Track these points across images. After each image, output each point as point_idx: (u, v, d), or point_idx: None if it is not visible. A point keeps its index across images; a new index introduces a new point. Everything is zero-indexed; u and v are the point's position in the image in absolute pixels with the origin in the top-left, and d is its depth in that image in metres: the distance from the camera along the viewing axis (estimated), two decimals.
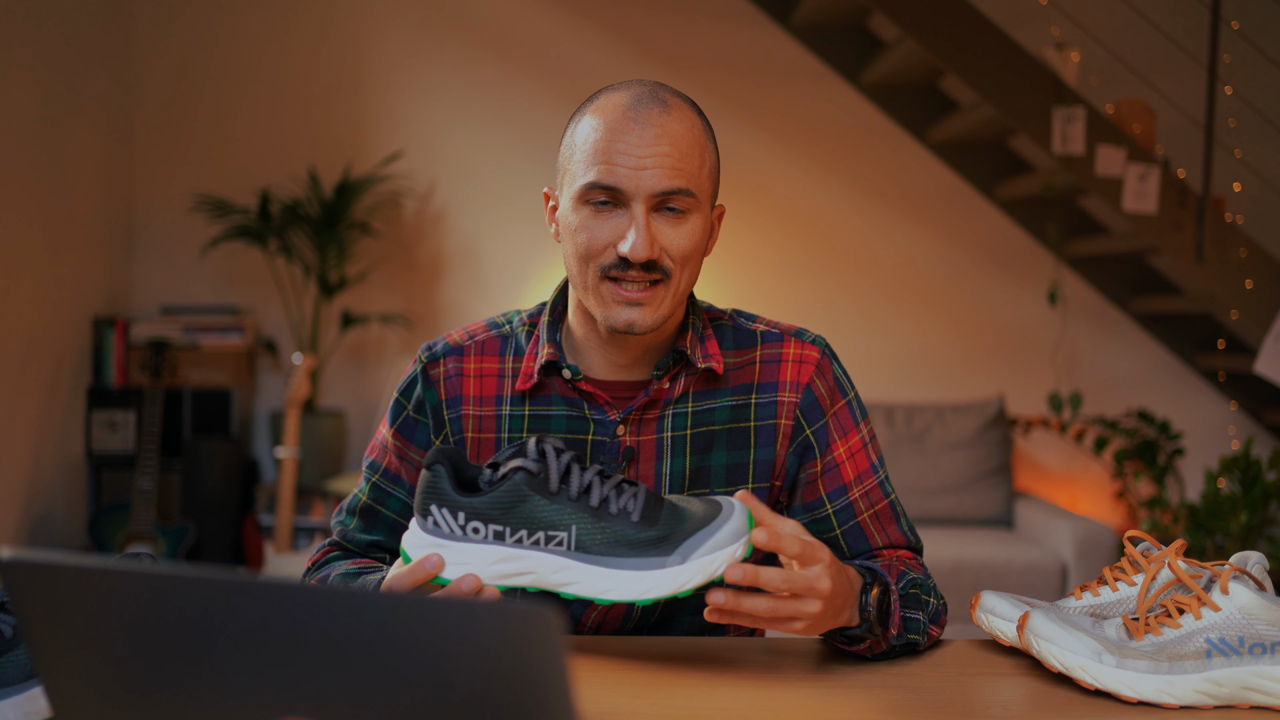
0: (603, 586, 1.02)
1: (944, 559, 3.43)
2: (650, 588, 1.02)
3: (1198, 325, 4.30)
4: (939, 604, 1.24)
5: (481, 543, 1.02)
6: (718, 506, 1.06)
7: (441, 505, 1.03)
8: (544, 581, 1.03)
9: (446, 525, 1.03)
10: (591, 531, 1.03)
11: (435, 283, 4.32)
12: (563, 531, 1.02)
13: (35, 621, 0.69)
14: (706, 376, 1.30)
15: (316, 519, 3.86)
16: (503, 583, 1.03)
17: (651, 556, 1.03)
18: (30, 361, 3.60)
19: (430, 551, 1.03)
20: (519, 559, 1.03)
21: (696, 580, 1.03)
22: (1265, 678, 1.02)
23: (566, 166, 1.24)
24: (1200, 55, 3.90)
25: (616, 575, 1.02)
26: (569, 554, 1.02)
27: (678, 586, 1.02)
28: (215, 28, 4.24)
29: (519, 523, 1.02)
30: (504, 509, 1.02)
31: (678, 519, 1.04)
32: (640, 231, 1.18)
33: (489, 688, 0.64)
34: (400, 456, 1.32)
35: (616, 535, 1.03)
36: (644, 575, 1.02)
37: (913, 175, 4.33)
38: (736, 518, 1.05)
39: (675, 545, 1.03)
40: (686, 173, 1.20)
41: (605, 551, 1.02)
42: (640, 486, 1.07)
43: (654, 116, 1.19)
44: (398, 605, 0.65)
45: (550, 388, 1.29)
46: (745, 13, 4.26)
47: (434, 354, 1.33)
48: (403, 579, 1.04)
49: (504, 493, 1.02)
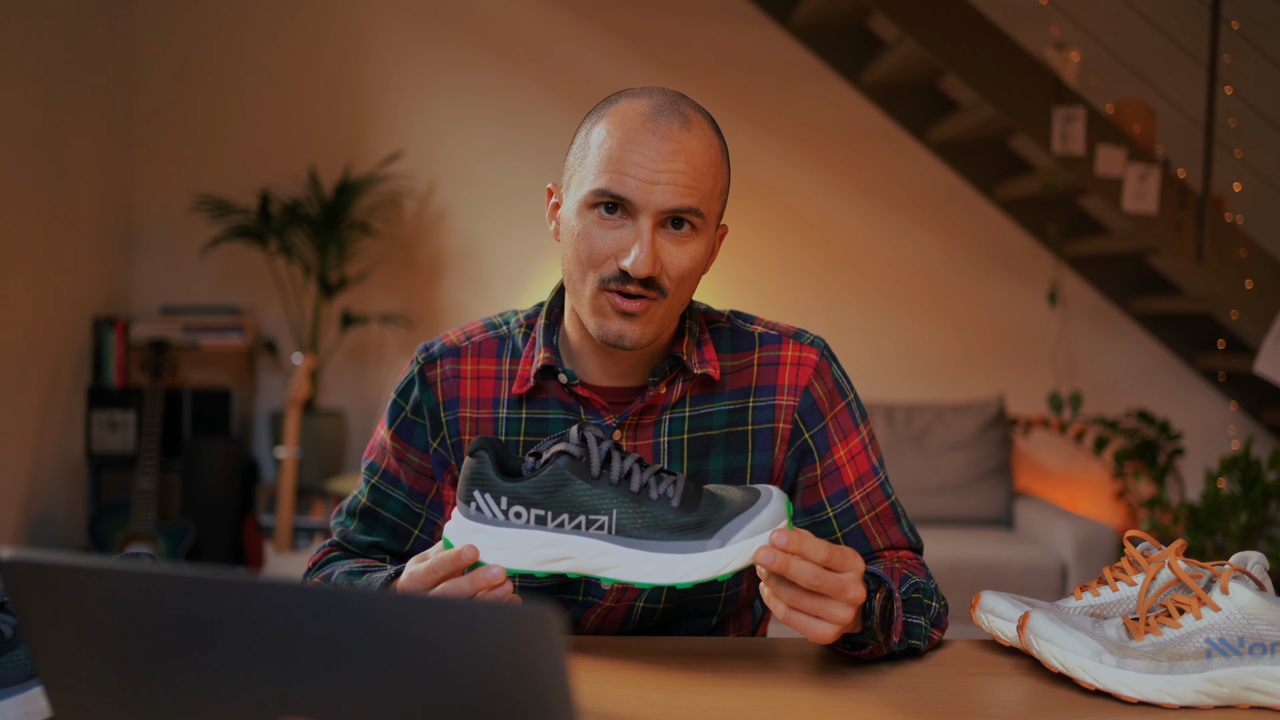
0: (643, 570, 1.03)
1: (944, 559, 3.43)
2: (690, 570, 1.03)
3: (1198, 325, 4.30)
4: (940, 607, 1.24)
5: (523, 527, 1.04)
6: (756, 493, 1.07)
7: (485, 490, 1.04)
8: (584, 566, 1.04)
9: (489, 510, 1.04)
10: (632, 516, 1.04)
11: (435, 283, 4.32)
12: (604, 515, 1.03)
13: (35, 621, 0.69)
14: (703, 381, 1.29)
15: (316, 519, 3.86)
16: (543, 568, 1.04)
17: (691, 540, 1.04)
18: (30, 361, 3.60)
19: (472, 537, 1.04)
20: (560, 544, 1.04)
21: (736, 563, 1.03)
22: (1265, 678, 1.02)
23: (576, 167, 1.21)
24: (1200, 55, 3.90)
25: (657, 559, 1.03)
26: (609, 538, 1.04)
27: (718, 569, 1.03)
28: (215, 28, 4.24)
29: (560, 507, 1.03)
30: (546, 493, 1.03)
31: (717, 505, 1.05)
32: (644, 247, 1.15)
33: (489, 688, 0.64)
34: (399, 458, 1.32)
35: (656, 519, 1.04)
36: (684, 559, 1.03)
37: (913, 175, 4.33)
38: (775, 503, 1.05)
39: (715, 529, 1.04)
40: (698, 193, 1.17)
41: (645, 535, 1.04)
42: (679, 474, 1.08)
43: (673, 131, 1.16)
44: (398, 605, 0.65)
45: (547, 391, 1.28)
46: (745, 13, 4.26)
47: (431, 355, 1.32)
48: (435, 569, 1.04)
49: (546, 476, 1.03)
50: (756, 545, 1.03)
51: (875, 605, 1.11)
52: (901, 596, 1.17)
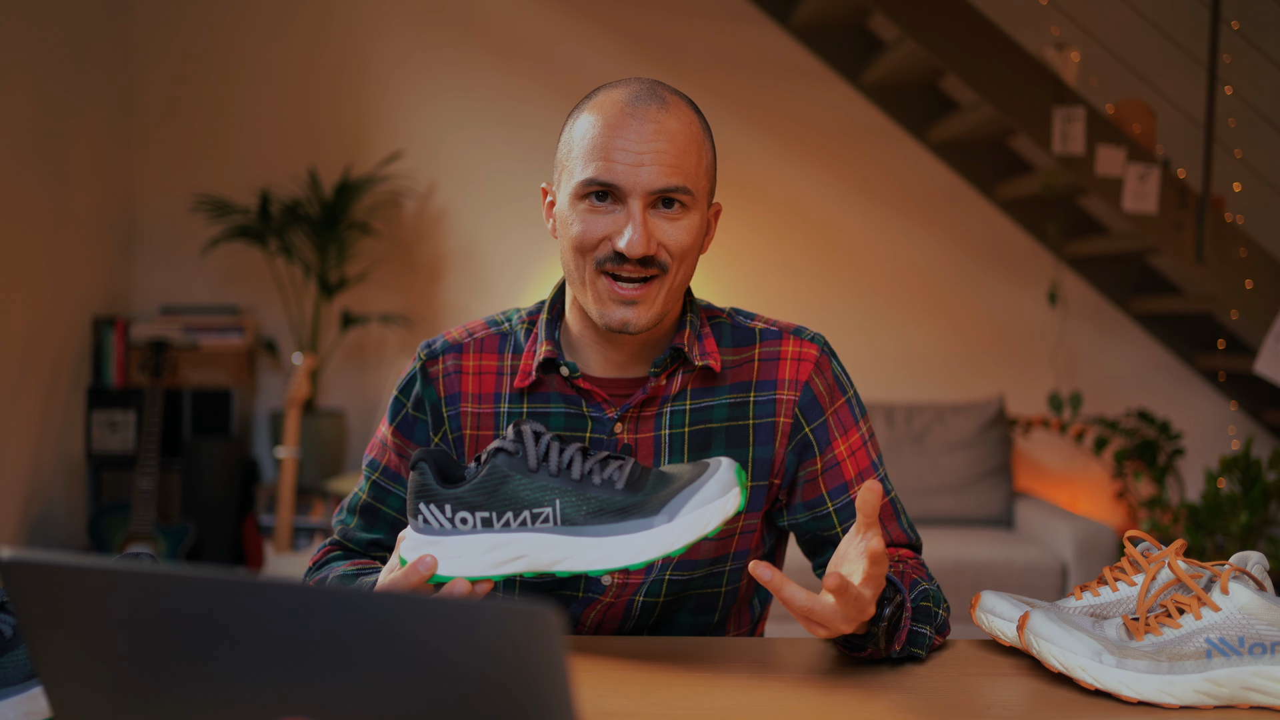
0: (593, 557, 1.02)
1: (944, 559, 3.43)
2: (641, 550, 1.02)
3: (1198, 325, 4.30)
4: (945, 613, 1.24)
5: (471, 532, 1.03)
6: (705, 465, 1.06)
7: (429, 502, 1.04)
8: (537, 563, 1.03)
9: (436, 520, 1.04)
10: (575, 504, 1.03)
11: (435, 283, 4.32)
12: (547, 507, 1.02)
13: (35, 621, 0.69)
14: (704, 374, 1.30)
15: (316, 519, 3.86)
16: (498, 571, 1.03)
17: (638, 519, 1.02)
18: (30, 361, 3.60)
19: (424, 551, 1.04)
20: (509, 543, 1.03)
21: (688, 537, 1.02)
22: (1265, 678, 1.02)
23: (565, 163, 1.24)
24: (1200, 55, 3.90)
25: (607, 543, 1.02)
26: (556, 529, 1.03)
27: (668, 545, 1.02)
28: (215, 28, 4.24)
29: (503, 505, 1.02)
30: (487, 493, 1.02)
31: (663, 482, 1.05)
32: (637, 228, 1.18)
33: (489, 688, 0.64)
34: (400, 454, 1.32)
35: (600, 504, 1.03)
36: (633, 539, 1.02)
37: (913, 175, 4.33)
38: (724, 472, 1.04)
39: (660, 505, 1.03)
40: (684, 170, 1.20)
41: (591, 521, 1.02)
42: (629, 460, 1.06)
43: (652, 113, 1.19)
44: (398, 605, 0.65)
45: (549, 385, 1.29)
46: (745, 13, 4.26)
47: (433, 351, 1.33)
48: (398, 584, 1.05)
49: (485, 477, 1.03)
50: (707, 517, 1.02)
51: (885, 613, 1.11)
52: (912, 604, 1.17)
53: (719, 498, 1.03)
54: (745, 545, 1.31)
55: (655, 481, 1.05)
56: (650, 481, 1.05)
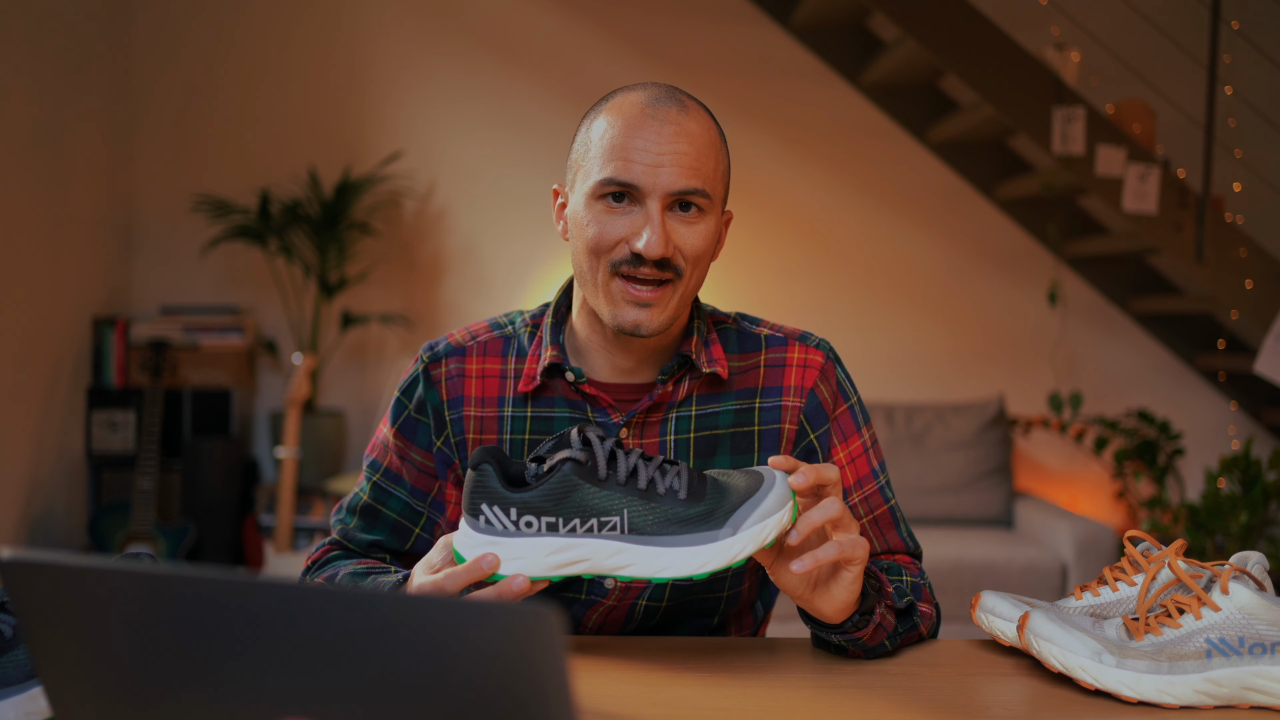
0: (659, 565, 1.04)
1: (944, 559, 3.43)
2: (706, 561, 1.04)
3: (1198, 325, 4.30)
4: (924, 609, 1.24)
5: (535, 535, 1.03)
6: (759, 476, 1.07)
7: (492, 503, 1.04)
8: (599, 567, 1.04)
9: (499, 522, 1.04)
10: (643, 513, 1.04)
11: (435, 283, 4.32)
12: (615, 516, 1.03)
13: (35, 621, 0.69)
14: (710, 380, 1.29)
15: (316, 519, 3.86)
16: (558, 573, 1.04)
17: (703, 531, 1.04)
18: (30, 361, 3.60)
19: (485, 550, 1.04)
20: (573, 547, 1.04)
21: (749, 549, 1.04)
22: (1265, 678, 1.02)
23: (580, 163, 1.23)
24: (1200, 55, 3.90)
25: (671, 553, 1.04)
26: (622, 537, 1.04)
27: (731, 557, 1.04)
28: (215, 28, 4.24)
29: (571, 512, 1.03)
30: (555, 500, 1.03)
31: (722, 493, 1.06)
32: (655, 229, 1.17)
33: (489, 688, 0.64)
34: (401, 456, 1.32)
35: (667, 514, 1.04)
36: (698, 550, 1.04)
37: (913, 175, 4.33)
38: (780, 485, 1.06)
39: (725, 518, 1.04)
40: (703, 173, 1.19)
41: (658, 531, 1.04)
42: (682, 465, 1.08)
43: (672, 115, 1.19)
44: (398, 605, 0.65)
45: (553, 389, 1.28)
46: (745, 13, 4.26)
47: (436, 354, 1.32)
48: (458, 578, 1.04)
49: (554, 485, 1.03)
50: (767, 529, 1.04)
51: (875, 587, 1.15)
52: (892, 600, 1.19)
53: (777, 511, 1.05)
54: None
55: (713, 491, 1.06)
56: (709, 491, 1.06)
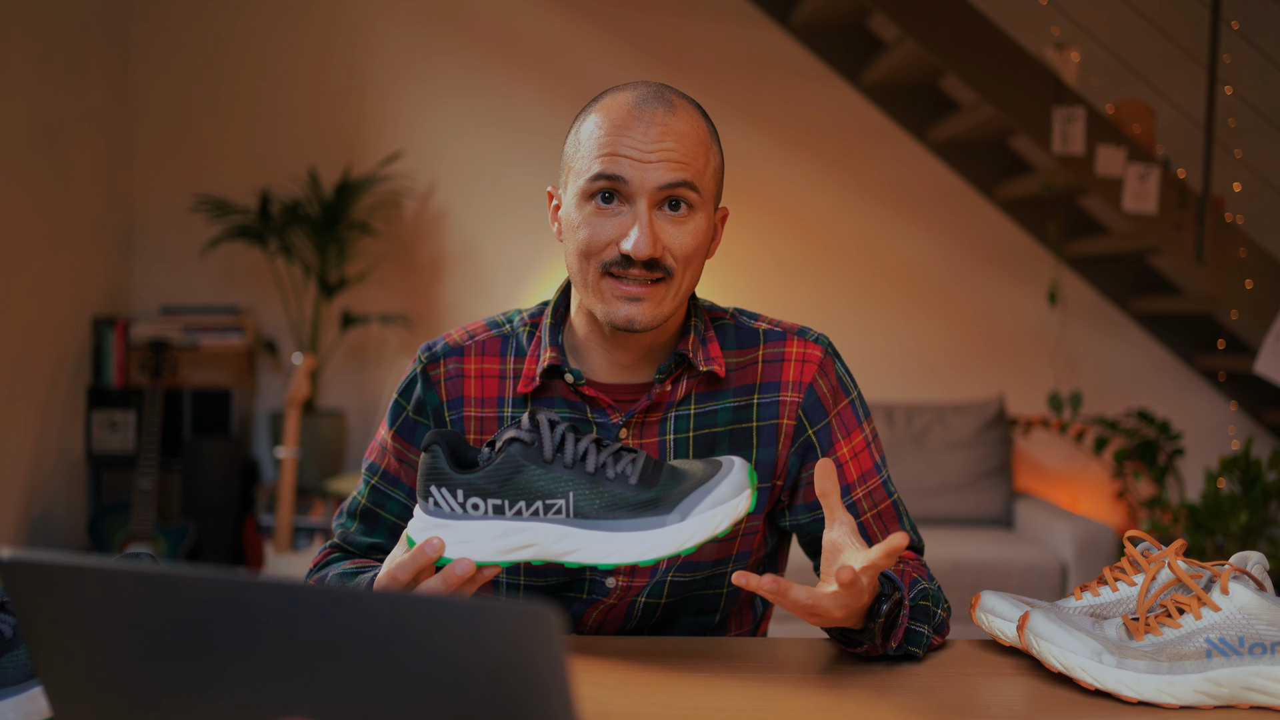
0: (605, 550, 1.02)
1: (944, 559, 3.43)
2: (652, 547, 1.02)
3: (1198, 325, 4.30)
4: (944, 613, 1.24)
5: (482, 518, 1.03)
6: (717, 464, 1.06)
7: (440, 485, 1.03)
8: (546, 553, 1.03)
9: (447, 504, 1.03)
10: (589, 497, 1.02)
11: (435, 283, 4.32)
12: (560, 499, 1.02)
13: (35, 621, 0.69)
14: (708, 378, 1.29)
15: (316, 519, 3.86)
16: (506, 558, 1.03)
17: (651, 516, 1.02)
18: (30, 361, 3.60)
19: (433, 533, 1.04)
20: (520, 531, 1.03)
21: (699, 537, 1.02)
22: (1265, 678, 1.02)
23: (571, 164, 1.24)
24: (1200, 55, 3.90)
25: (618, 538, 1.02)
26: (568, 521, 1.02)
27: (680, 544, 1.02)
28: (215, 28, 4.24)
29: (516, 494, 1.02)
30: (501, 481, 1.02)
31: (676, 479, 1.04)
32: (643, 229, 1.18)
33: (489, 688, 0.64)
34: (399, 458, 1.32)
35: (614, 498, 1.02)
36: (645, 535, 1.02)
37: (913, 175, 4.33)
38: (736, 473, 1.04)
39: (674, 504, 1.02)
40: (691, 168, 1.20)
41: (604, 515, 1.02)
42: (640, 453, 1.06)
43: (659, 115, 1.20)
44: (398, 605, 0.65)
45: (552, 389, 1.28)
46: (745, 13, 4.26)
47: (434, 354, 1.32)
48: (405, 566, 1.04)
49: (499, 465, 1.02)
50: (719, 517, 1.02)
51: (883, 609, 1.12)
52: (910, 603, 1.17)
53: (731, 499, 1.03)
54: (747, 547, 1.31)
55: (668, 477, 1.04)
56: (663, 477, 1.04)
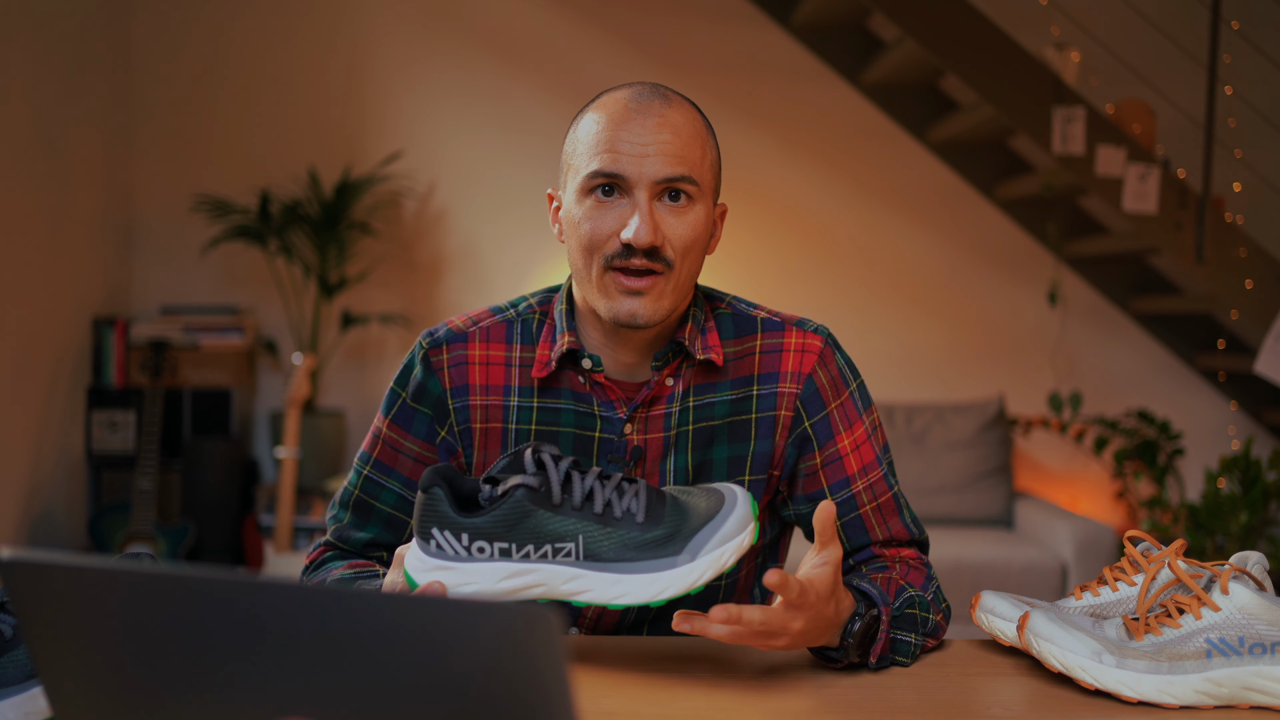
0: (615, 592, 1.01)
1: (944, 559, 3.43)
2: (663, 588, 1.01)
3: (1198, 325, 4.30)
4: (939, 617, 1.23)
5: (487, 561, 1.01)
6: (720, 497, 1.05)
7: (443, 528, 1.01)
8: (555, 592, 1.02)
9: (450, 548, 1.01)
10: (599, 539, 1.01)
11: (435, 283, 4.32)
12: (570, 542, 1.01)
13: (35, 621, 0.69)
14: (706, 369, 1.29)
15: (316, 519, 3.86)
16: (511, 597, 1.02)
17: (661, 557, 1.01)
18: (30, 361, 3.60)
19: (435, 575, 1.02)
20: (528, 573, 1.01)
21: (708, 575, 1.02)
22: (1265, 678, 1.02)
23: (570, 162, 1.24)
24: (1200, 55, 3.90)
25: (628, 580, 1.01)
26: (578, 563, 1.01)
27: (690, 584, 1.01)
28: (215, 28, 4.24)
29: (525, 538, 1.00)
30: (508, 526, 1.00)
31: (682, 515, 1.03)
32: (644, 217, 1.18)
33: (489, 688, 0.64)
34: (395, 447, 1.30)
35: (624, 539, 1.01)
36: (656, 577, 1.01)
37: (913, 175, 4.33)
38: (740, 506, 1.04)
39: (684, 543, 1.02)
40: (689, 161, 1.21)
41: (614, 556, 1.01)
42: (640, 484, 1.05)
43: (655, 108, 1.21)
44: (398, 605, 0.65)
45: (560, 380, 1.28)
46: (745, 13, 4.26)
47: (436, 340, 1.30)
48: None
49: (506, 511, 1.00)
50: (726, 554, 1.02)
51: (855, 629, 1.12)
52: (894, 613, 1.16)
53: (737, 535, 1.03)
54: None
55: (673, 513, 1.03)
56: (667, 512, 1.03)
